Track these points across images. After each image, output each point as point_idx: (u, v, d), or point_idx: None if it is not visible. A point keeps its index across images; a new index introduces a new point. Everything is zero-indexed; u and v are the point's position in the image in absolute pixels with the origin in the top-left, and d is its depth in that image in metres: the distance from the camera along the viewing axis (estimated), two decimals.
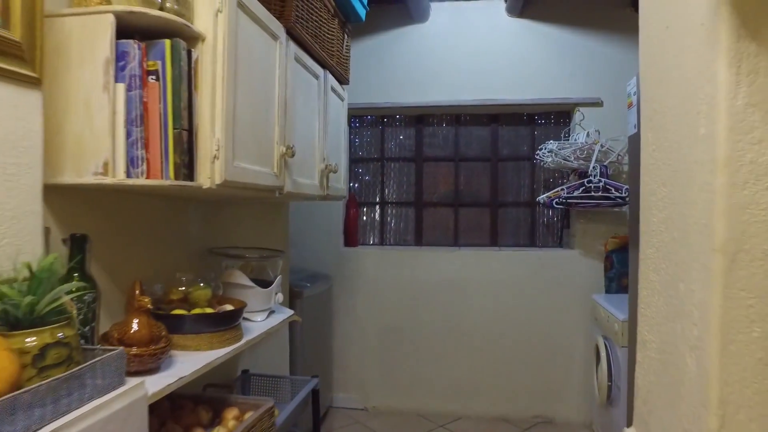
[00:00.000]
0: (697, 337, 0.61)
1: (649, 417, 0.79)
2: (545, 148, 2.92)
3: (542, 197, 2.94)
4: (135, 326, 1.14)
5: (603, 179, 2.71)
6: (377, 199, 3.56)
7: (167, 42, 1.16)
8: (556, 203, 2.81)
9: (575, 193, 2.77)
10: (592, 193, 2.73)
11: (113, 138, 1.09)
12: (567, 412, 3.11)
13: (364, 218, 3.60)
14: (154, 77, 1.16)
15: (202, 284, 1.48)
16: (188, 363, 1.26)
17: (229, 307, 1.46)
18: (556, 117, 3.30)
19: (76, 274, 1.04)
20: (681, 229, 0.66)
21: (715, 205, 0.57)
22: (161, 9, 1.16)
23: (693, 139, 0.63)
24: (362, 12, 2.34)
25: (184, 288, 1.46)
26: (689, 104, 0.64)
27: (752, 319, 0.57)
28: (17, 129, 0.91)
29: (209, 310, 1.42)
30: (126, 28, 1.13)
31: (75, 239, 1.05)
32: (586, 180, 2.75)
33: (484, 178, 3.39)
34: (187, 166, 1.22)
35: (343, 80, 2.37)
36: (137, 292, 1.24)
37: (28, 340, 0.78)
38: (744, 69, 0.56)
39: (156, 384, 1.10)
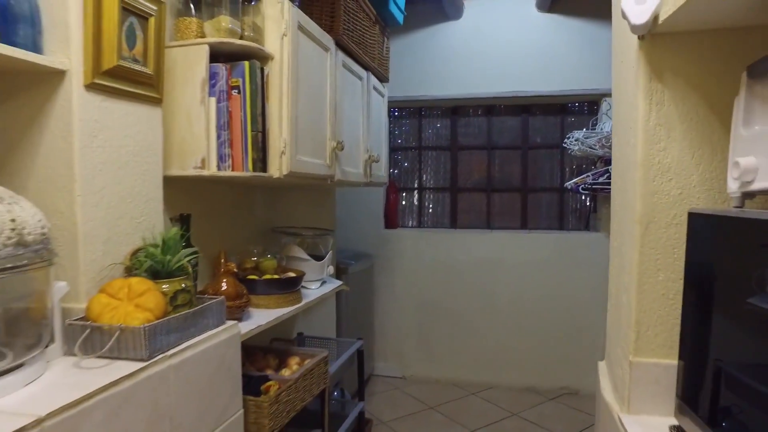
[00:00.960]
0: (627, 282, 0.87)
1: (609, 349, 1.05)
2: (572, 137, 3.10)
3: (569, 183, 3.14)
4: (224, 285, 1.48)
5: None
6: (415, 185, 3.84)
7: (246, 63, 1.48)
8: (582, 189, 3.01)
9: (600, 180, 2.96)
10: None
11: (208, 140, 1.41)
12: (592, 384, 3.31)
13: (404, 203, 3.88)
14: (236, 91, 1.48)
15: (269, 256, 1.82)
16: (261, 316, 1.60)
17: (291, 275, 1.79)
18: (583, 107, 3.46)
19: (184, 244, 1.38)
20: (625, 209, 0.90)
21: (636, 191, 0.82)
22: (241, 38, 1.48)
23: (629, 146, 0.87)
24: (400, 17, 2.60)
25: (255, 258, 1.80)
26: (628, 120, 0.88)
27: (658, 267, 0.83)
28: (148, 137, 1.25)
29: (276, 277, 1.76)
30: (215, 54, 1.45)
31: (183, 217, 1.39)
32: (610, 167, 2.92)
33: (515, 165, 3.60)
34: (261, 161, 1.54)
35: (383, 78, 2.65)
36: (223, 259, 1.59)
37: (164, 286, 1.12)
38: (654, 100, 0.80)
39: (241, 329, 1.43)
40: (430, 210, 3.83)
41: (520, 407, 3.18)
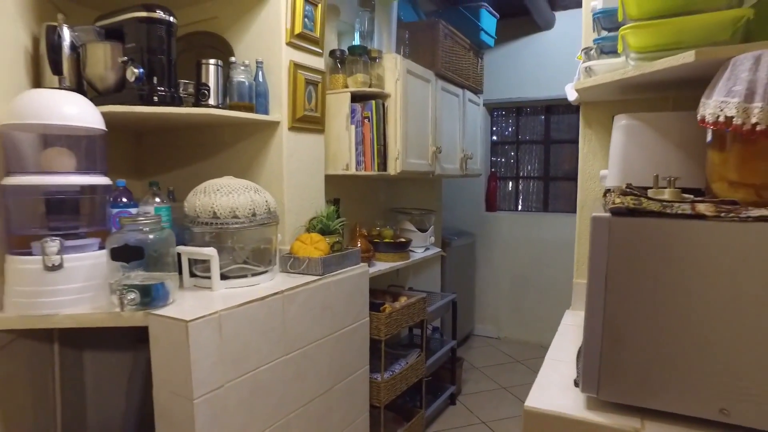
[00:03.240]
0: (574, 238, 1.50)
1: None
2: None
3: None
4: (359, 243, 2.33)
5: None
6: (513, 174, 4.43)
7: (374, 102, 2.29)
8: None
9: None
10: None
11: (350, 152, 2.26)
12: None
13: (509, 189, 4.49)
14: (367, 120, 2.31)
15: (388, 227, 2.65)
16: (382, 266, 2.43)
17: (403, 240, 2.60)
18: None
19: (336, 215, 2.25)
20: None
21: (579, 188, 1.45)
22: (370, 86, 2.30)
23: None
24: (491, 41, 3.24)
25: (378, 228, 2.64)
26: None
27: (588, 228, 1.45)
28: (317, 152, 2.12)
29: (392, 241, 2.58)
30: (354, 96, 2.28)
31: (335, 200, 2.26)
32: None
33: None
34: (383, 164, 2.35)
35: (477, 91, 3.32)
36: (357, 228, 2.44)
37: (327, 239, 1.98)
38: (587, 138, 1.41)
39: (369, 270, 2.27)
40: (527, 196, 4.40)
41: None
